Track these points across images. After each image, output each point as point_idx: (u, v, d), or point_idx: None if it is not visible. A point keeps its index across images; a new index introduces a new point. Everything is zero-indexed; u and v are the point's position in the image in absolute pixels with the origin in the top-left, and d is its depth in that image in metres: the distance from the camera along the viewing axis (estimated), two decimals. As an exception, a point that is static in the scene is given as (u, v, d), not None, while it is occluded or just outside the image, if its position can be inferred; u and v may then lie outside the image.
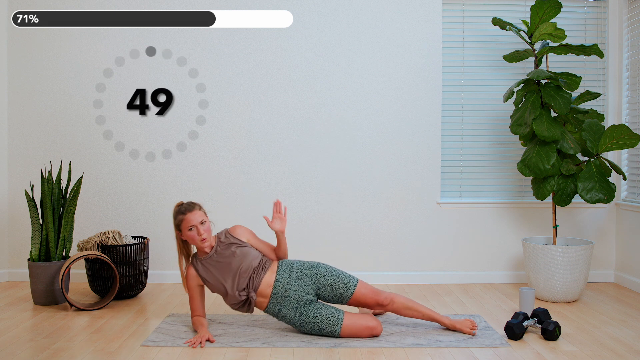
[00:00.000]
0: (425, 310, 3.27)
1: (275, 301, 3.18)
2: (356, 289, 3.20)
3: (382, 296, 3.22)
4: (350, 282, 3.22)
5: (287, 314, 3.18)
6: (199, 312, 3.30)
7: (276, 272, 3.23)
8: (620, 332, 3.29)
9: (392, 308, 3.24)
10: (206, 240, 3.20)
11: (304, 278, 3.21)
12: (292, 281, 3.19)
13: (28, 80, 4.45)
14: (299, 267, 3.25)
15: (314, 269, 3.24)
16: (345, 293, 3.20)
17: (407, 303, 3.25)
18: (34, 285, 3.81)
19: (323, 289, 3.21)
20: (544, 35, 4.05)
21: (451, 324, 3.26)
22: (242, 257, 3.20)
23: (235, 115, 4.47)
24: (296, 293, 3.17)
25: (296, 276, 3.21)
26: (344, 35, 4.46)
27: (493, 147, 4.59)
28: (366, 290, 3.22)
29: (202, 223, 3.20)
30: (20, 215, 4.47)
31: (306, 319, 3.14)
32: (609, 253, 4.57)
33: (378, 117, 4.49)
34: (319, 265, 3.27)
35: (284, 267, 3.25)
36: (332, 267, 3.29)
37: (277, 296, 3.17)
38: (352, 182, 4.50)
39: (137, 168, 4.47)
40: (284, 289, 3.18)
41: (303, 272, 3.23)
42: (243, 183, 4.48)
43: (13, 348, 2.97)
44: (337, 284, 3.20)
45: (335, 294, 3.21)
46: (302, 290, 3.18)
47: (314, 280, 3.21)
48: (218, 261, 3.21)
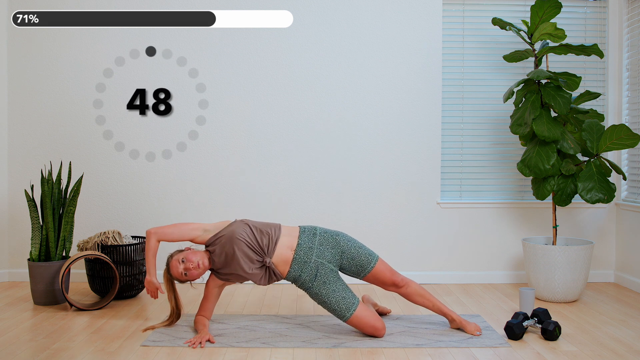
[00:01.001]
0: (436, 301, 3.30)
1: (296, 266, 3.18)
2: (376, 264, 3.24)
3: (399, 277, 3.26)
4: (372, 257, 3.26)
5: (306, 280, 3.19)
6: (206, 312, 3.29)
7: (298, 237, 3.23)
8: (620, 332, 3.29)
9: (406, 291, 3.27)
10: (194, 272, 3.18)
11: (326, 245, 3.23)
12: (314, 247, 3.20)
13: (28, 80, 4.45)
14: (322, 233, 3.27)
15: (337, 237, 3.27)
16: (366, 266, 3.23)
17: (420, 291, 3.29)
18: (34, 285, 3.81)
19: (345, 258, 3.23)
20: (544, 35, 4.05)
21: (459, 320, 3.27)
22: (231, 235, 3.16)
23: (235, 115, 4.47)
24: (318, 259, 3.18)
25: (319, 243, 3.22)
26: (344, 35, 4.46)
27: (493, 147, 4.59)
28: (385, 268, 3.26)
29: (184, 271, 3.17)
30: (20, 215, 4.47)
31: (322, 291, 3.16)
32: (609, 253, 4.57)
33: (378, 117, 4.49)
34: (342, 235, 3.30)
35: (307, 233, 3.25)
36: (355, 239, 3.34)
37: (298, 261, 3.17)
38: (352, 182, 4.50)
39: (137, 168, 4.47)
40: (305, 254, 3.18)
41: (326, 239, 3.25)
42: (243, 183, 4.48)
43: (13, 348, 2.97)
44: (359, 255, 3.24)
45: (356, 266, 3.23)
46: (324, 258, 3.20)
47: (337, 248, 3.23)
48: (221, 264, 3.21)
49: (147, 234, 3.25)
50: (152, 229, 3.26)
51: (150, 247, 3.24)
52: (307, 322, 3.44)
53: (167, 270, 3.25)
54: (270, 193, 4.47)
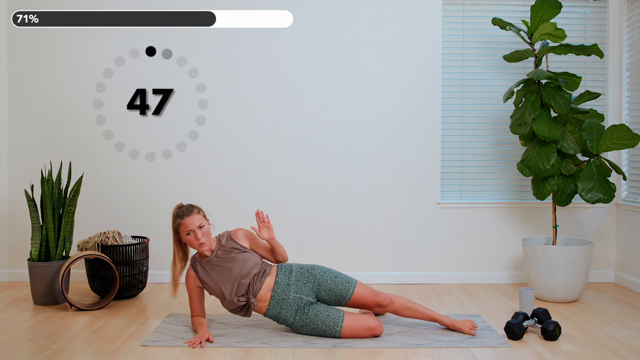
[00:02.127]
0: (425, 310, 3.27)
1: (275, 304, 3.18)
2: (355, 290, 3.20)
3: (382, 297, 3.22)
4: (350, 284, 3.22)
5: (287, 317, 3.18)
6: (199, 312, 3.30)
7: (275, 275, 3.22)
8: (620, 332, 3.29)
9: (392, 309, 3.24)
10: (204, 245, 3.18)
11: (303, 280, 3.21)
12: (291, 284, 3.19)
13: (28, 80, 4.45)
14: (298, 269, 3.25)
15: (312, 271, 3.24)
16: (345, 294, 3.20)
17: (407, 304, 3.25)
18: (34, 285, 3.81)
19: (322, 290, 3.21)
20: (544, 35, 4.05)
21: (451, 323, 3.26)
22: (243, 263, 3.19)
23: (235, 115, 4.47)
24: (296, 295, 3.17)
25: (295, 279, 3.21)
26: (344, 35, 4.46)
27: (493, 147, 4.59)
28: (365, 291, 3.22)
29: (200, 227, 3.17)
30: (20, 215, 4.47)
31: (306, 320, 3.14)
32: (609, 253, 4.57)
33: (378, 117, 4.49)
34: (317, 268, 3.27)
35: (283, 270, 3.24)
36: (331, 269, 3.29)
37: (276, 299, 3.17)
38: (352, 182, 4.50)
39: (137, 168, 4.47)
40: (283, 291, 3.17)
41: (302, 274, 3.23)
42: (243, 183, 4.48)
43: (13, 348, 2.97)
44: (336, 285, 3.20)
45: (335, 296, 3.21)
46: (302, 292, 3.18)
47: (314, 282, 3.21)
48: (218, 265, 3.21)
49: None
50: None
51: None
52: (307, 322, 3.44)
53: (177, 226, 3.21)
54: (270, 193, 4.47)
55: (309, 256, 4.39)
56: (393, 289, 4.29)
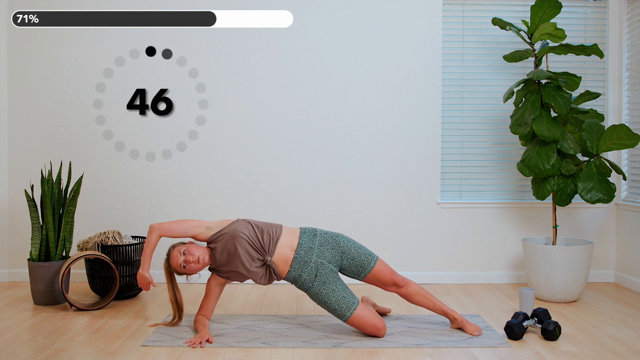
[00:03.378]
0: (436, 301, 3.31)
1: (296, 266, 3.19)
2: (376, 264, 3.26)
3: (399, 277, 3.28)
4: (372, 257, 3.27)
5: (306, 280, 3.20)
6: (206, 311, 3.30)
7: (299, 237, 3.25)
8: (620, 332, 3.29)
9: (406, 291, 3.28)
10: (193, 266, 3.19)
11: (326, 245, 3.24)
12: (314, 247, 3.22)
13: (28, 80, 4.45)
14: (323, 234, 3.29)
15: (337, 238, 3.29)
16: (366, 266, 3.24)
17: (420, 291, 3.31)
18: (34, 285, 3.81)
19: (345, 258, 3.24)
20: (544, 35, 4.05)
21: (461, 319, 3.27)
22: (231, 237, 3.17)
23: (235, 115, 4.47)
24: (318, 260, 3.19)
25: (319, 243, 3.24)
26: (344, 35, 4.46)
27: (493, 147, 4.59)
28: (385, 268, 3.28)
29: (184, 263, 3.19)
30: (20, 215, 4.47)
31: (322, 291, 3.16)
32: (609, 253, 4.57)
33: (378, 117, 4.49)
34: (342, 236, 3.32)
35: (307, 234, 3.27)
36: (355, 240, 3.37)
37: (299, 261, 3.19)
38: (352, 182, 4.50)
39: (137, 168, 4.47)
40: (306, 254, 3.20)
41: (326, 239, 3.26)
42: (243, 183, 4.48)
43: (13, 348, 2.97)
44: (359, 255, 3.25)
45: (356, 266, 3.25)
46: (324, 258, 3.21)
47: (337, 249, 3.25)
48: (223, 261, 3.21)
49: (150, 228, 3.26)
50: (155, 224, 3.27)
51: (150, 242, 3.26)
52: (307, 322, 3.44)
53: (167, 260, 3.27)
54: (270, 193, 4.47)
55: (309, 256, 4.39)
56: (393, 289, 4.29)
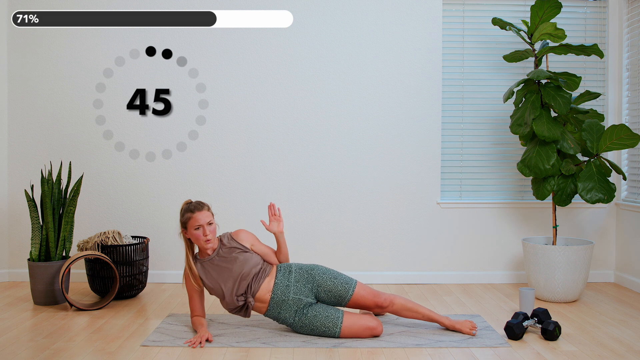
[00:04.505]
0: (425, 311, 3.27)
1: (274, 305, 3.18)
2: (355, 291, 3.20)
3: (382, 298, 3.21)
4: (349, 284, 3.21)
5: (286, 318, 3.18)
6: (199, 312, 3.30)
7: (275, 277, 3.22)
8: (620, 332, 3.29)
9: (392, 310, 3.24)
10: (210, 242, 3.19)
11: (302, 281, 3.21)
12: (291, 285, 3.19)
13: (28, 80, 4.45)
14: (297, 270, 3.25)
15: (312, 272, 3.23)
16: (344, 295, 3.19)
17: (407, 304, 3.25)
18: (34, 285, 3.81)
19: (322, 291, 3.20)
20: (544, 35, 4.05)
21: (451, 324, 3.25)
22: (244, 262, 3.19)
23: (235, 115, 4.47)
24: (295, 296, 3.16)
25: (295, 280, 3.21)
26: (344, 35, 4.46)
27: (493, 147, 4.59)
28: (365, 292, 3.21)
29: (209, 224, 3.19)
30: (20, 215, 4.47)
31: (305, 321, 3.14)
32: (609, 253, 4.57)
33: (378, 117, 4.49)
34: (317, 268, 3.26)
35: (282, 272, 3.24)
36: (331, 270, 3.29)
37: (276, 300, 3.17)
38: (352, 183, 4.50)
39: (137, 168, 4.47)
40: (283, 292, 3.17)
41: (302, 275, 3.22)
42: (243, 183, 4.48)
43: (13, 348, 2.97)
44: (335, 286, 3.20)
45: (335, 297, 3.20)
46: (302, 294, 3.17)
47: (313, 283, 3.20)
48: (219, 265, 3.21)
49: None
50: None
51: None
52: (307, 322, 3.44)
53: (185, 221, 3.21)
54: (270, 193, 4.47)
55: (309, 256, 4.39)
56: (393, 289, 4.29)
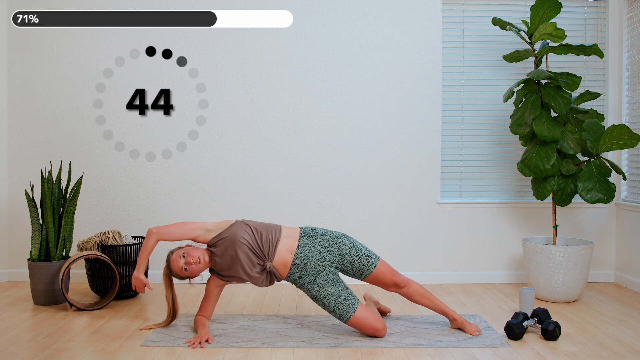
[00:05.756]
0: (437, 301, 3.30)
1: (296, 269, 3.18)
2: (377, 266, 3.23)
3: (400, 277, 3.26)
4: (373, 258, 3.24)
5: (306, 282, 3.19)
6: (206, 312, 3.29)
7: (299, 239, 3.22)
8: (620, 332, 3.29)
9: (407, 291, 3.27)
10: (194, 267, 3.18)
11: (326, 247, 3.21)
12: (314, 249, 3.19)
13: (28, 80, 4.45)
14: (323, 235, 3.26)
15: (337, 239, 3.25)
16: (367, 268, 3.22)
17: (421, 291, 3.29)
18: (34, 285, 3.81)
19: (346, 260, 3.22)
20: (544, 35, 4.05)
21: (460, 320, 3.27)
22: (232, 242, 3.16)
23: (235, 115, 4.47)
24: (318, 262, 3.17)
25: (319, 245, 3.21)
26: (344, 35, 4.46)
27: (493, 147, 4.59)
28: (386, 269, 3.25)
29: (185, 266, 3.17)
30: (20, 215, 4.47)
31: (322, 293, 3.15)
32: (609, 253, 4.57)
33: (378, 117, 4.49)
34: (343, 236, 3.28)
35: (307, 235, 3.24)
36: (356, 241, 3.32)
37: (298, 264, 3.17)
38: (352, 183, 4.50)
39: (137, 168, 4.47)
40: (306, 257, 3.18)
41: (327, 241, 3.23)
42: (243, 183, 4.48)
43: (13, 348, 2.97)
44: (359, 257, 3.22)
45: (357, 268, 3.23)
46: (324, 260, 3.19)
47: (337, 251, 3.22)
48: (223, 265, 3.21)
49: (148, 232, 3.24)
50: (153, 228, 3.25)
51: (147, 246, 3.23)
52: (307, 322, 3.44)
53: (168, 266, 3.25)
54: (270, 193, 4.47)
55: (309, 256, 4.39)
56: (393, 289, 4.29)
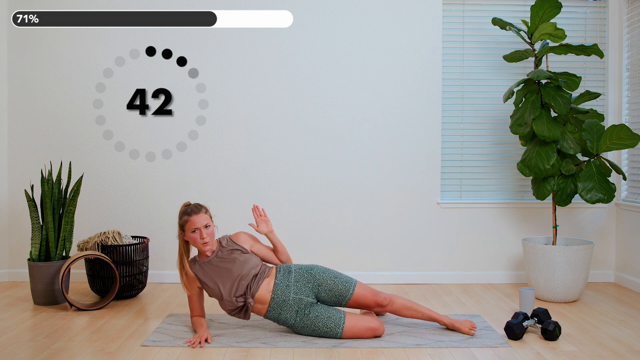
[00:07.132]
0: (424, 310, 3.27)
1: (275, 306, 3.17)
2: (355, 290, 3.20)
3: (382, 297, 3.22)
4: (349, 284, 3.21)
5: (287, 319, 3.17)
6: (198, 312, 3.30)
7: (274, 277, 3.22)
8: (620, 332, 3.29)
9: (392, 309, 3.24)
10: (207, 244, 3.19)
11: (302, 281, 3.20)
12: (291, 285, 3.18)
13: (28, 80, 4.45)
14: (297, 270, 3.25)
15: (312, 271, 3.23)
16: (345, 294, 3.19)
17: (407, 303, 3.26)
18: (34, 285, 3.81)
19: (322, 290, 3.20)
20: (544, 35, 4.05)
21: (450, 323, 3.26)
22: (244, 263, 3.19)
23: (235, 115, 4.47)
24: (296, 297, 3.16)
25: (295, 280, 3.20)
26: (344, 35, 4.46)
27: (493, 147, 4.59)
28: (365, 291, 3.22)
29: (206, 227, 3.19)
30: (20, 215, 4.47)
31: (307, 322, 3.13)
32: (609, 253, 4.57)
33: (378, 117, 4.49)
34: (317, 268, 3.26)
35: (282, 272, 3.24)
36: (331, 269, 3.29)
37: (276, 301, 3.16)
38: (352, 183, 4.50)
39: (137, 168, 4.47)
40: (283, 293, 3.16)
41: (302, 274, 3.22)
42: (243, 183, 4.48)
43: (13, 348, 2.97)
44: (336, 285, 3.20)
45: (335, 296, 3.20)
46: (302, 294, 3.17)
47: (313, 283, 3.20)
48: (217, 266, 3.21)
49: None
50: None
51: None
52: (307, 322, 3.44)
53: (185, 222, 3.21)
54: (270, 193, 4.47)
55: (309, 256, 4.39)
56: (393, 289, 4.28)
